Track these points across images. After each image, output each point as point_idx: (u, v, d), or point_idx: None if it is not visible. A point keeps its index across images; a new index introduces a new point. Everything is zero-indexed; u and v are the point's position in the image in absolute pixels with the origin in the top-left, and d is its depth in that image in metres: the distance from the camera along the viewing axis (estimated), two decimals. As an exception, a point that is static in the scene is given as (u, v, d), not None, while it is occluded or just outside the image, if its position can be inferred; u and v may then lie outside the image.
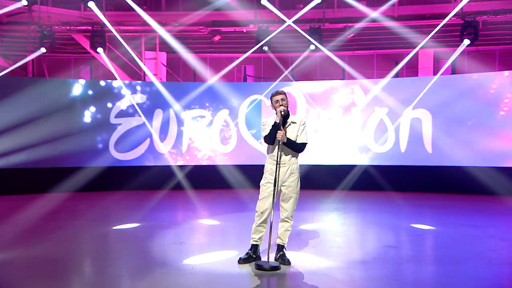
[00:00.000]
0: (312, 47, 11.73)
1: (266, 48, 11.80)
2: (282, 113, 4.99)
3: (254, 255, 5.11)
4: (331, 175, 11.36)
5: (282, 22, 11.81)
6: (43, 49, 11.41)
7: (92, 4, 11.02)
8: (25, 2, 10.86)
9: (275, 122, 4.99)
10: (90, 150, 11.24)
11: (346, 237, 6.60)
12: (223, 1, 11.67)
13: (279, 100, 5.09)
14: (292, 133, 5.09)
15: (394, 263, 5.08)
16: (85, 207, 9.14)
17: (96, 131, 11.34)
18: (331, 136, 11.68)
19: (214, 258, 5.24)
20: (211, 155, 11.91)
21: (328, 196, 10.35)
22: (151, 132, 11.66)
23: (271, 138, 5.01)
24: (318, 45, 11.42)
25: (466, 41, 11.11)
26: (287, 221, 5.12)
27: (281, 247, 5.11)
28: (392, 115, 11.32)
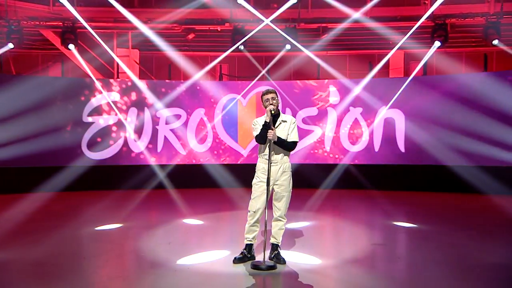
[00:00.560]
0: (288, 46, 11.81)
1: (242, 47, 11.78)
2: (273, 112, 5.00)
3: (248, 254, 5.10)
4: (309, 174, 11.42)
5: (258, 21, 11.84)
6: (11, 45, 11.00)
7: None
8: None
9: (266, 122, 4.98)
10: (62, 149, 10.90)
11: (334, 235, 6.67)
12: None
13: (269, 99, 5.09)
14: (282, 132, 5.11)
15: (385, 261, 5.18)
16: (61, 207, 8.88)
17: (68, 130, 11.01)
18: (309, 135, 11.77)
19: (207, 258, 5.21)
20: (187, 154, 11.79)
21: (310, 195, 10.40)
22: (125, 130, 11.44)
23: (262, 138, 5.01)
24: (297, 44, 11.49)
25: (437, 43, 11.43)
26: (280, 220, 5.13)
27: (275, 246, 5.12)
28: (367, 114, 11.53)
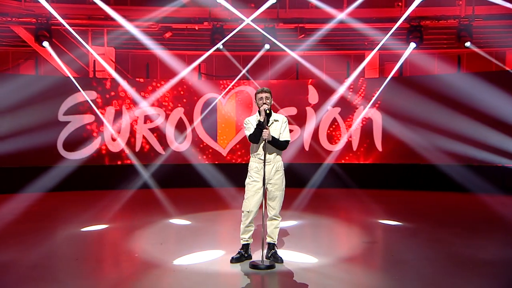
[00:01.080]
0: (267, 46, 11.83)
1: (221, 47, 11.73)
2: (268, 111, 5.00)
3: (245, 254, 5.10)
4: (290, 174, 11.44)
5: (237, 20, 11.83)
6: (-19, 41, 10.62)
7: (35, -5, 10.40)
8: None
9: (260, 121, 4.97)
10: (36, 149, 10.52)
11: (325, 234, 6.71)
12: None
13: (263, 98, 5.08)
14: (275, 131, 5.12)
15: (379, 259, 5.27)
16: (41, 209, 8.63)
17: (43, 129, 10.65)
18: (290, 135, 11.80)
19: (204, 258, 5.18)
20: (166, 154, 11.64)
21: (293, 195, 10.40)
22: (103, 129, 11.20)
23: (256, 137, 5.00)
24: (280, 44, 11.55)
25: (412, 45, 11.70)
26: (275, 219, 5.14)
27: (272, 246, 5.13)
28: (345, 114, 11.68)
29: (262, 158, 5.02)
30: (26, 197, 9.64)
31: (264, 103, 5.04)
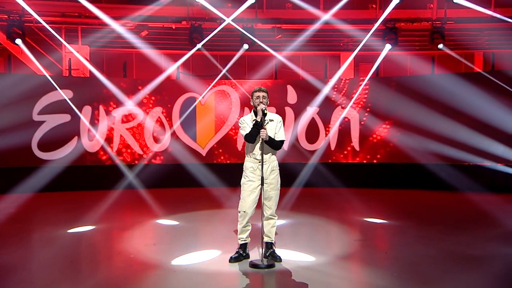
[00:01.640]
0: (246, 46, 11.86)
1: (200, 46, 11.67)
2: (265, 111, 5.02)
3: (244, 253, 5.11)
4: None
5: (215, 20, 11.81)
6: None
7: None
8: None
9: (256, 121, 4.98)
10: (10, 149, 10.17)
11: (316, 233, 6.75)
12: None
13: (259, 97, 5.11)
14: (270, 130, 5.16)
15: (373, 256, 5.37)
16: (18, 211, 8.33)
17: (17, 129, 10.31)
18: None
19: (202, 258, 5.16)
20: (144, 153, 11.49)
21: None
22: (79, 129, 10.95)
23: (252, 137, 5.00)
24: (262, 44, 11.60)
25: (388, 46, 11.96)
26: (272, 218, 5.17)
27: (270, 245, 5.15)
28: (323, 114, 11.82)
29: (257, 158, 5.05)
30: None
31: (261, 102, 5.06)
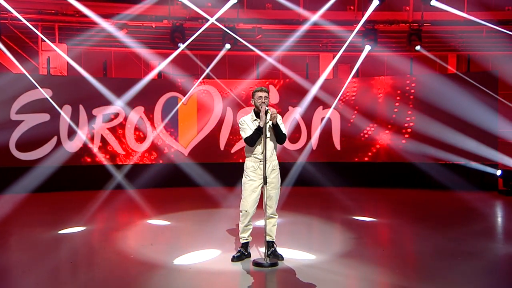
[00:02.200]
0: (228, 46, 11.86)
1: (181, 45, 11.61)
2: (269, 112, 4.99)
3: (245, 252, 5.13)
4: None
5: (196, 19, 11.80)
6: None
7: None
8: None
9: (259, 126, 4.94)
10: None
11: (311, 231, 6.82)
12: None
13: (262, 97, 5.11)
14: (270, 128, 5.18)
15: (373, 253, 5.46)
16: (4, 211, 8.05)
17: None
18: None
19: (203, 258, 5.16)
20: (126, 153, 11.31)
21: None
22: (58, 129, 10.69)
23: (253, 141, 5.01)
24: (245, 42, 11.66)
25: (368, 47, 12.18)
26: (273, 217, 5.20)
27: (271, 244, 5.18)
28: (305, 114, 11.92)
29: (258, 157, 5.07)
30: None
31: (263, 103, 5.06)
